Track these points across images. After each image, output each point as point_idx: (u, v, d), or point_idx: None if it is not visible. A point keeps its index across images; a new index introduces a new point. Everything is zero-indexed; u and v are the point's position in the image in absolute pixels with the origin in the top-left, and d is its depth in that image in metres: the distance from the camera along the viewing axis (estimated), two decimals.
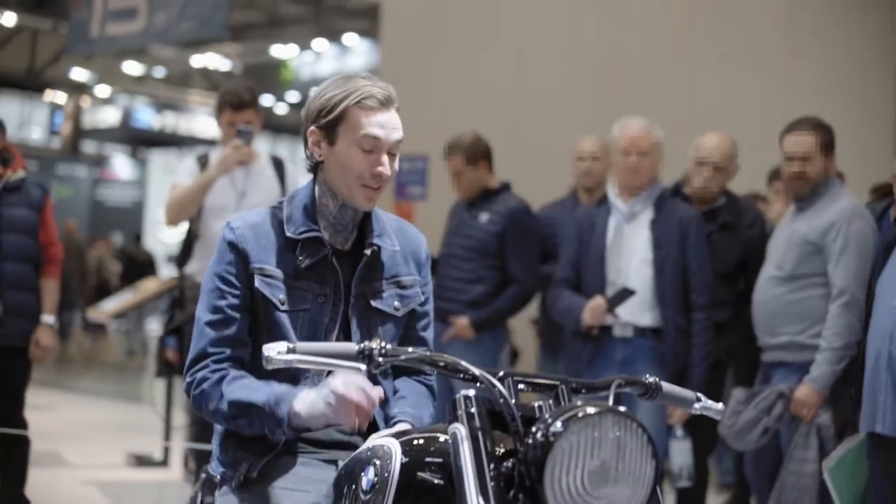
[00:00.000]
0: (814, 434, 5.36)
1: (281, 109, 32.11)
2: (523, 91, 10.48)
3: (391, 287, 3.19)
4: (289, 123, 32.09)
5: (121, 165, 34.34)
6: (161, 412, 8.68)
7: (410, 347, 3.00)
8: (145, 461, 8.68)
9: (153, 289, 11.64)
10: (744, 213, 6.08)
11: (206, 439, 5.74)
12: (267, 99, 29.98)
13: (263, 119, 6.51)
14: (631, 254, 5.68)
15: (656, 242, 5.64)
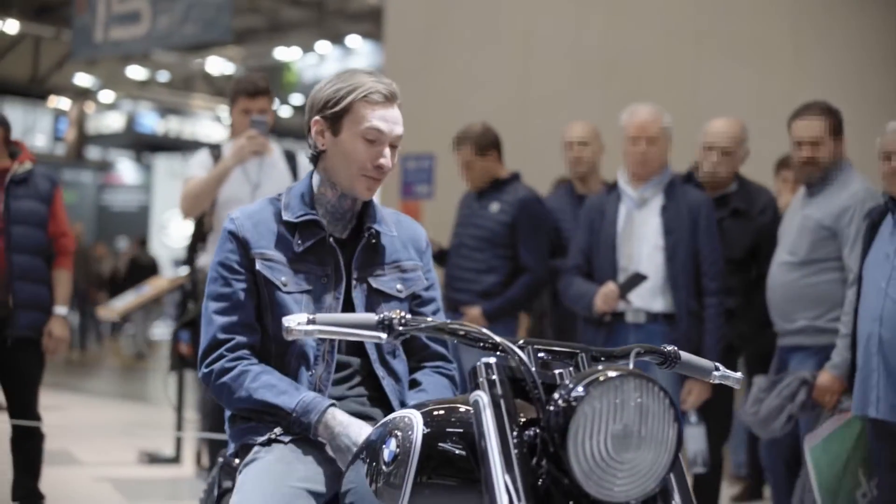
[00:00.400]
0: None
1: (285, 112, 32.08)
2: (528, 89, 10.49)
3: (393, 271, 3.26)
4: (293, 126, 32.04)
5: (126, 170, 34.42)
6: (174, 404, 8.68)
7: (429, 317, 3.02)
8: (157, 458, 8.68)
9: (164, 286, 11.62)
10: (756, 199, 6.05)
11: (219, 431, 5.78)
12: None
13: None
14: (642, 240, 5.67)
15: (667, 228, 5.63)
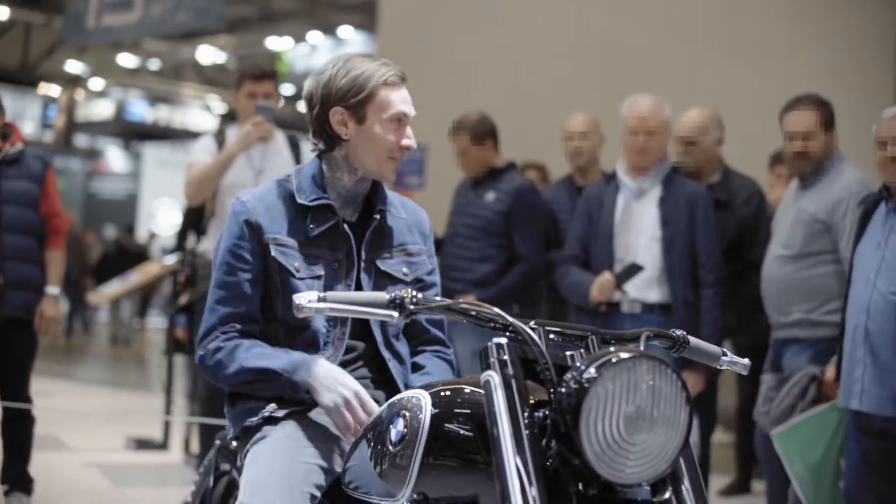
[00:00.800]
0: None
1: None
2: (524, 81, 10.48)
3: (399, 254, 3.26)
4: (285, 116, 32.00)
5: (114, 158, 34.33)
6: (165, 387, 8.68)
7: (438, 297, 3.02)
8: (145, 444, 8.65)
9: (155, 271, 11.59)
10: (738, 191, 6.07)
11: (214, 417, 5.78)
12: None
13: None
14: (640, 231, 5.67)
15: (665, 220, 5.63)
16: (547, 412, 2.43)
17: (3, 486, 5.94)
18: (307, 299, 2.51)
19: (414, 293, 2.57)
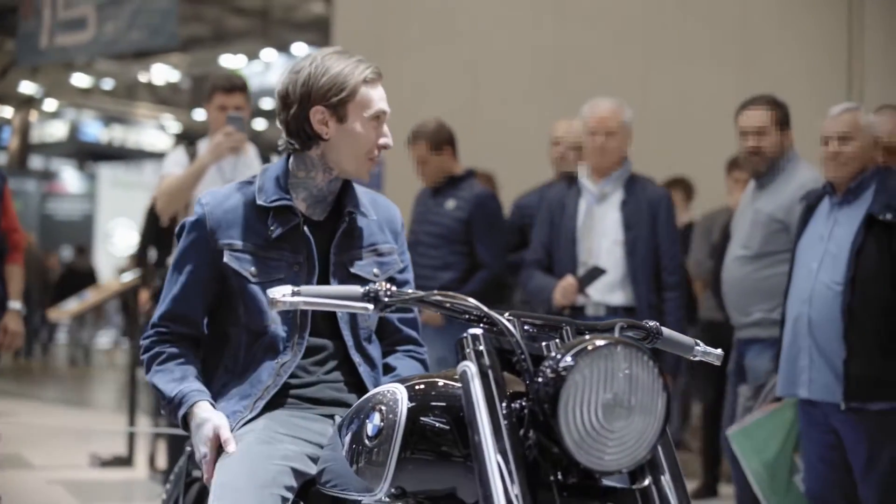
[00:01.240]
0: None
1: None
2: (479, 93, 10.50)
3: (370, 255, 3.23)
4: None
5: (69, 179, 34.08)
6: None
7: (411, 285, 3.03)
8: (109, 461, 8.60)
9: (114, 287, 11.53)
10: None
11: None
12: None
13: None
14: (602, 235, 5.69)
15: (627, 223, 5.66)
16: (524, 402, 2.43)
17: None
18: (281, 293, 2.50)
19: (388, 286, 2.56)
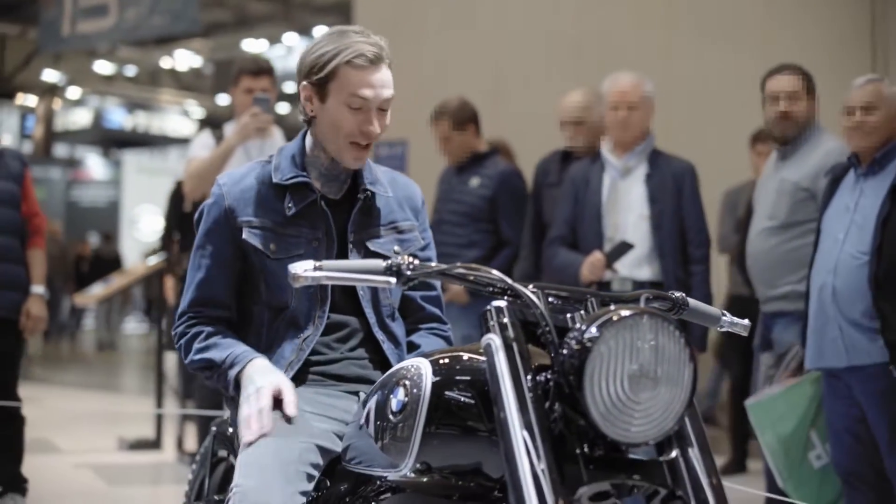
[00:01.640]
0: None
1: None
2: (501, 74, 10.45)
3: (389, 232, 3.20)
4: None
5: (94, 166, 34.22)
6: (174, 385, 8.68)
7: (433, 263, 2.98)
8: (137, 444, 8.62)
9: (140, 271, 11.53)
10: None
11: (209, 406, 5.78)
12: None
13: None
14: (627, 209, 5.64)
15: (652, 197, 5.60)
16: (549, 375, 2.40)
17: None
18: (303, 268, 2.48)
19: (411, 259, 2.53)
